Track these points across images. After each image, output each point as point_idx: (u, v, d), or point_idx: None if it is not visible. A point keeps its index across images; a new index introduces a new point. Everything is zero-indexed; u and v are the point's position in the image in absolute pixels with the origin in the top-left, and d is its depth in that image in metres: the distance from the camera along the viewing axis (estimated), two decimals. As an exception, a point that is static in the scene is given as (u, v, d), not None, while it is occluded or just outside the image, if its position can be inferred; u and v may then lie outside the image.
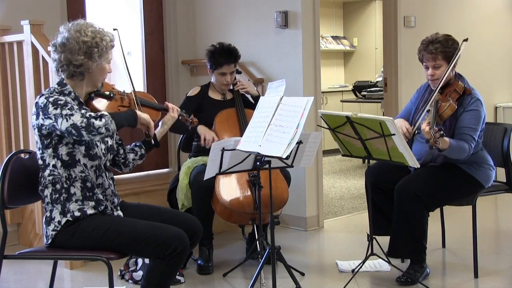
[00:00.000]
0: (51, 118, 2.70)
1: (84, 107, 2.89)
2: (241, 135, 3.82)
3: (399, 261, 4.02)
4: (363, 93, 8.83)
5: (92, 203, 2.83)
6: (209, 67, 4.28)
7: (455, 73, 3.76)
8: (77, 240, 2.78)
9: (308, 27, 4.95)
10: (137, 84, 5.56)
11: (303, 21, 4.91)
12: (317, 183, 5.10)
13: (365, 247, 3.72)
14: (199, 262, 4.05)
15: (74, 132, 2.67)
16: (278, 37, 5.07)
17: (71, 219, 2.78)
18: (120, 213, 2.95)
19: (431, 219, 3.76)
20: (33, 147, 4.34)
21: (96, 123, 2.67)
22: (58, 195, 2.80)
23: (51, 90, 2.83)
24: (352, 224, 5.27)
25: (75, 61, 2.79)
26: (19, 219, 4.66)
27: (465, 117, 3.62)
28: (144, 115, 2.92)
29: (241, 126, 4.15)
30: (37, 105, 2.77)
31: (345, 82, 10.42)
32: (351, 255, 4.28)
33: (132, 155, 3.12)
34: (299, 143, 3.26)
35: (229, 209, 3.85)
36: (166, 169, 5.76)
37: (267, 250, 3.47)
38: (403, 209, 3.64)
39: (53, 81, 4.17)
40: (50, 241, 2.82)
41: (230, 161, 3.39)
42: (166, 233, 2.75)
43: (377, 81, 8.73)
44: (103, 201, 2.86)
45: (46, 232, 2.83)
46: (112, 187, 2.96)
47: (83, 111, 2.74)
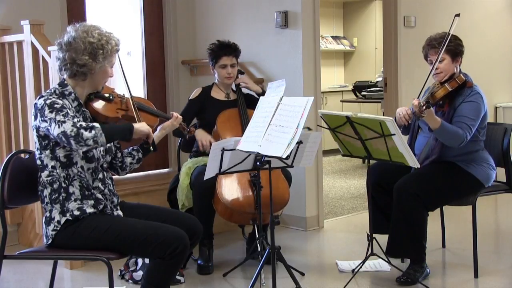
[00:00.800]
0: (46, 121, 2.71)
1: (83, 109, 2.90)
2: (243, 135, 3.82)
3: (399, 261, 4.02)
4: (363, 93, 8.83)
5: (91, 202, 2.83)
6: (210, 64, 4.28)
7: (460, 70, 3.78)
8: (77, 240, 2.78)
9: (308, 27, 4.94)
10: (137, 84, 5.57)
11: (303, 21, 4.90)
12: (317, 183, 5.10)
13: (365, 247, 3.72)
14: (199, 262, 4.05)
15: (64, 139, 2.67)
16: (278, 37, 5.07)
17: (70, 218, 2.78)
18: (120, 213, 2.95)
19: (431, 219, 3.76)
20: (33, 147, 4.34)
21: (85, 134, 2.66)
22: (57, 195, 2.80)
23: (51, 91, 2.84)
24: (352, 224, 5.27)
25: (79, 61, 2.80)
26: (19, 219, 4.66)
27: (464, 107, 3.65)
28: (142, 128, 2.88)
29: (243, 126, 4.14)
30: (35, 106, 2.77)
31: (345, 82, 10.42)
32: (351, 255, 4.28)
33: (129, 159, 3.13)
34: (299, 143, 3.26)
35: (230, 209, 3.85)
36: (166, 169, 5.75)
37: (267, 250, 3.47)
38: (402, 208, 3.64)
39: (53, 81, 4.17)
40: (50, 241, 2.82)
41: (230, 161, 3.39)
42: (166, 233, 2.75)
43: (377, 81, 8.72)
44: (102, 200, 2.86)
45: (46, 232, 2.84)
46: (110, 187, 2.96)
47: (76, 120, 2.71)
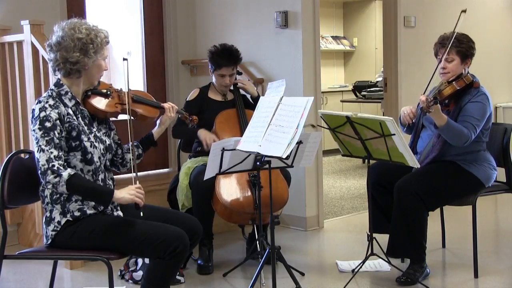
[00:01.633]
0: (34, 136, 2.75)
1: (81, 107, 2.87)
2: (241, 135, 3.81)
3: (399, 261, 4.01)
4: (363, 93, 8.83)
5: (92, 203, 2.83)
6: (209, 67, 4.28)
7: (468, 71, 3.79)
8: (77, 240, 2.78)
9: (308, 27, 4.94)
10: (137, 84, 5.57)
11: (303, 21, 4.90)
12: (317, 183, 5.10)
13: (365, 247, 3.72)
14: (199, 262, 4.05)
15: (36, 163, 2.72)
16: (278, 37, 5.07)
17: (71, 219, 2.78)
18: (120, 213, 2.95)
19: (431, 219, 3.76)
20: (33, 147, 4.35)
21: (49, 177, 2.67)
22: (58, 195, 2.80)
23: (48, 94, 2.83)
24: (352, 224, 5.27)
25: (71, 58, 2.80)
26: (19, 219, 4.65)
27: (470, 107, 3.65)
28: (125, 198, 2.77)
29: (242, 126, 4.14)
30: (33, 112, 2.79)
31: (345, 82, 10.42)
32: (351, 255, 4.27)
33: (129, 155, 3.12)
34: (299, 143, 3.26)
35: (229, 209, 3.85)
36: (166, 169, 5.76)
37: (267, 250, 3.47)
38: (402, 208, 3.64)
39: (53, 81, 4.16)
40: (50, 241, 2.82)
41: (230, 161, 3.39)
42: (166, 233, 2.75)
43: (377, 81, 8.72)
44: None
45: (46, 232, 2.83)
46: (111, 187, 2.95)
47: (54, 154, 2.68)
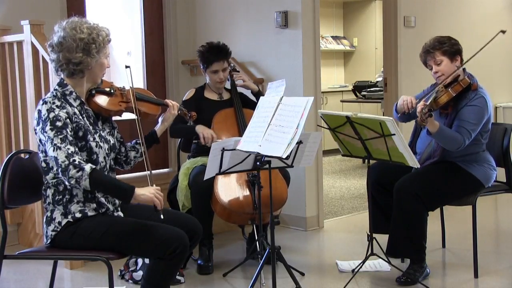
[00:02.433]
0: (44, 136, 2.71)
1: (85, 107, 2.87)
2: (239, 135, 3.82)
3: (399, 261, 4.02)
4: (363, 93, 8.83)
5: (93, 205, 2.83)
6: (201, 67, 4.27)
7: (466, 72, 3.78)
8: (77, 240, 2.78)
9: (308, 27, 4.94)
10: (137, 84, 5.53)
11: (303, 21, 4.90)
12: (317, 183, 5.10)
13: (365, 247, 3.72)
14: (199, 262, 4.05)
15: (54, 163, 2.68)
16: (278, 37, 5.07)
17: (71, 220, 2.78)
18: (120, 214, 2.95)
19: (431, 219, 3.76)
20: (33, 147, 4.35)
21: (71, 172, 2.64)
22: (61, 197, 2.79)
23: (52, 94, 2.81)
24: (352, 224, 5.27)
25: (74, 59, 2.78)
26: (19, 219, 4.65)
27: (466, 111, 3.63)
28: (146, 196, 2.74)
29: (240, 126, 4.15)
30: (39, 113, 2.74)
31: (345, 82, 10.42)
32: (351, 255, 4.27)
33: (133, 153, 3.12)
34: (299, 143, 3.26)
35: (228, 210, 3.85)
36: (166, 169, 5.76)
37: (267, 250, 3.47)
38: (402, 208, 3.64)
39: (53, 81, 4.17)
40: (50, 241, 2.82)
41: (230, 161, 3.39)
42: (166, 233, 2.75)
43: (377, 81, 8.72)
44: (104, 204, 2.86)
45: (46, 232, 2.83)
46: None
47: (72, 150, 2.67)
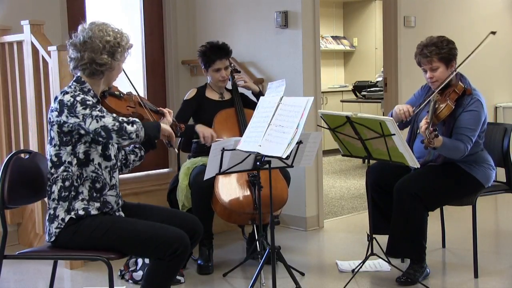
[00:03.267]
0: (78, 117, 2.71)
1: (100, 106, 2.88)
2: (240, 135, 3.81)
3: (399, 261, 4.02)
4: (363, 93, 8.83)
5: (97, 204, 2.83)
6: (203, 67, 4.27)
7: (457, 73, 3.74)
8: (78, 239, 2.78)
9: (308, 27, 4.94)
10: (137, 84, 5.53)
11: (303, 21, 4.90)
12: (317, 183, 5.10)
13: (365, 247, 3.72)
14: (199, 262, 4.05)
15: (103, 133, 2.70)
16: (278, 37, 5.07)
17: (74, 217, 2.78)
18: (121, 214, 2.95)
19: (431, 219, 3.76)
20: (33, 147, 4.35)
21: (128, 128, 2.72)
22: (67, 193, 2.80)
23: (72, 87, 2.82)
24: (352, 224, 5.27)
25: (99, 60, 2.81)
26: (19, 219, 4.66)
27: (464, 118, 3.62)
28: (167, 127, 2.95)
29: (241, 126, 4.15)
30: (61, 102, 2.74)
31: (345, 82, 10.42)
32: (351, 255, 4.28)
33: (132, 156, 3.15)
34: (299, 143, 3.26)
35: (229, 210, 3.85)
36: (166, 169, 5.76)
37: (267, 250, 3.47)
38: (402, 208, 3.64)
39: (53, 81, 4.17)
40: (53, 239, 2.81)
41: (230, 161, 3.39)
42: (166, 233, 2.76)
43: (377, 81, 8.72)
44: (109, 203, 2.87)
45: (48, 229, 2.83)
46: (118, 189, 2.97)
47: (114, 115, 2.76)
